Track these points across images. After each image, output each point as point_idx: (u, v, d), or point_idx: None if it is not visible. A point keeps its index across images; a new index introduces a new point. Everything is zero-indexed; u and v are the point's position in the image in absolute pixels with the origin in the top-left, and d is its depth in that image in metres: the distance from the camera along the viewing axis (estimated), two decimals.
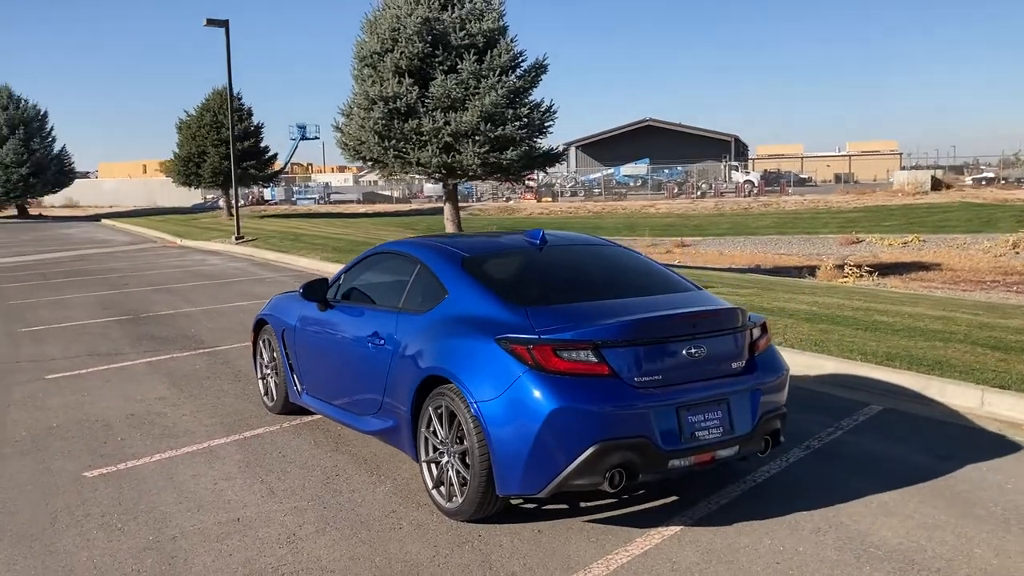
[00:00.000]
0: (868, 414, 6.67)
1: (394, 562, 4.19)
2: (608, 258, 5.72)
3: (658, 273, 5.55)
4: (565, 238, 5.97)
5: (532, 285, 5.15)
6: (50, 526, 4.69)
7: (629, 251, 5.92)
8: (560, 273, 5.36)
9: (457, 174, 20.83)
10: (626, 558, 4.22)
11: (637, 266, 5.65)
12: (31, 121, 48.81)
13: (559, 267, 5.43)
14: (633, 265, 5.66)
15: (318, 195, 68.97)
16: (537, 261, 5.44)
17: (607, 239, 6.28)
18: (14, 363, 9.12)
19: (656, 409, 4.32)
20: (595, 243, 6.03)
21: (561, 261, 5.50)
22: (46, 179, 49.15)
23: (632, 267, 5.62)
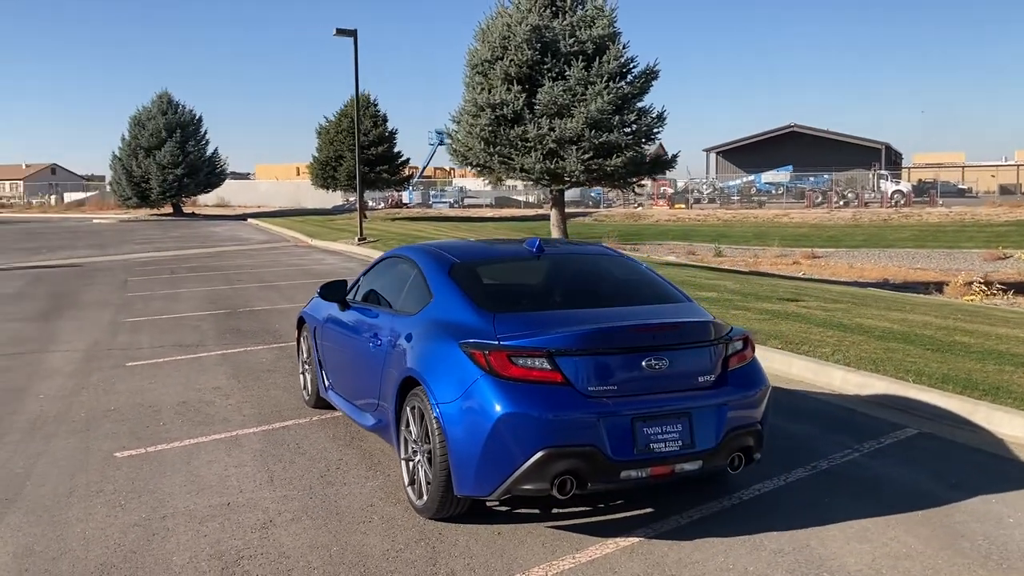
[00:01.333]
0: (898, 437, 6.39)
1: (348, 552, 4.39)
2: (600, 268, 5.76)
3: (648, 284, 5.54)
4: (564, 247, 6.04)
5: (509, 292, 5.27)
6: (65, 499, 5.14)
7: (628, 262, 5.92)
8: (543, 281, 5.45)
9: (563, 180, 20.95)
10: (570, 564, 4.26)
11: (628, 277, 5.66)
12: (187, 125, 52.16)
13: (546, 276, 5.52)
14: (624, 276, 5.67)
15: (452, 199, 70.46)
16: (527, 269, 5.56)
17: (613, 250, 6.28)
18: (106, 350, 9.89)
19: (607, 419, 4.35)
20: (593, 253, 6.07)
21: (551, 270, 5.58)
22: (199, 180, 52.39)
23: (622, 278, 5.64)
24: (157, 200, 51.59)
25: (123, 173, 51.35)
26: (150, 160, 50.38)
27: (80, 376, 8.48)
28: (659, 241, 39.79)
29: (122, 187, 51.86)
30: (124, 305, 13.95)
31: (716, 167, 79.95)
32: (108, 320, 12.25)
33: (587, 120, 19.73)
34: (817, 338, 9.41)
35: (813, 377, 8.32)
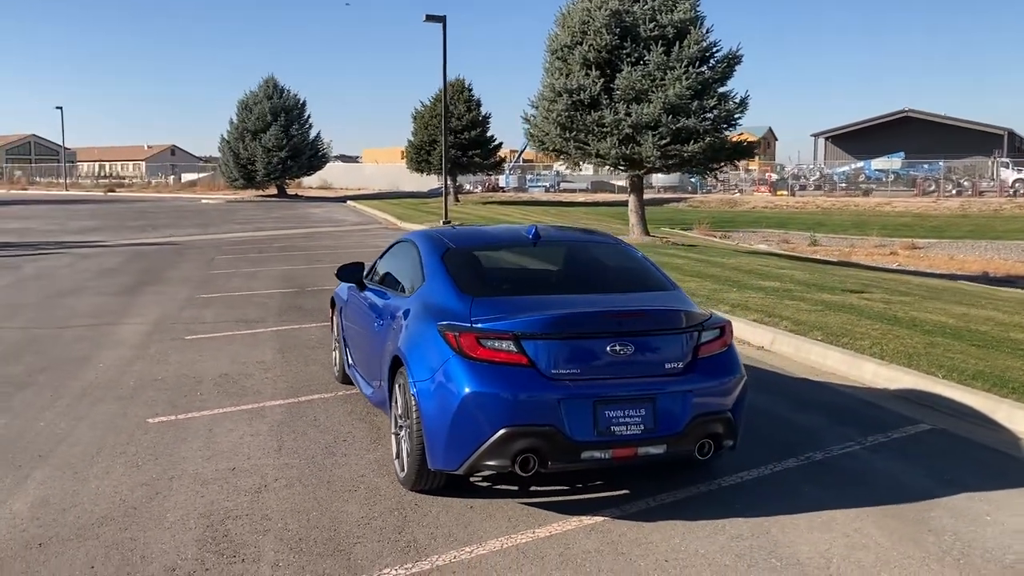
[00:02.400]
0: (907, 432, 6.33)
1: (325, 517, 4.70)
2: (593, 256, 5.92)
3: (638, 272, 5.66)
4: (560, 235, 6.22)
5: (494, 278, 5.48)
6: (91, 458, 5.62)
7: (624, 250, 6.02)
8: (532, 268, 5.63)
9: (640, 165, 20.90)
10: (527, 539, 4.46)
11: (620, 264, 5.79)
12: (291, 109, 53.86)
13: (537, 262, 5.70)
14: (615, 264, 5.80)
15: (548, 183, 70.58)
16: (521, 256, 5.76)
17: (612, 238, 6.37)
18: (171, 324, 10.54)
19: (569, 401, 4.52)
20: (590, 241, 6.21)
21: (544, 257, 5.76)
22: (301, 162, 54.07)
23: (613, 266, 5.78)
24: (262, 182, 53.51)
25: (231, 155, 53.48)
26: (256, 143, 52.28)
27: (141, 348, 9.09)
28: (753, 228, 39.03)
29: (230, 169, 54.02)
30: (204, 282, 14.72)
31: (825, 153, 77.59)
32: (184, 296, 12.98)
33: (665, 105, 19.64)
34: (861, 331, 9.26)
35: (846, 370, 8.23)
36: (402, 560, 4.20)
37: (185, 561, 4.16)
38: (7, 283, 14.46)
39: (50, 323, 10.57)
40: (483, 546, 4.38)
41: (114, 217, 35.49)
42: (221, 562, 4.16)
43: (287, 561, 4.17)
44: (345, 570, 4.09)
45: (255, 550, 4.29)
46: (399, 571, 4.09)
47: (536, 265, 5.80)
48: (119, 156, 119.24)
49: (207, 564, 4.13)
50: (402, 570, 4.10)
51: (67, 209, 41.88)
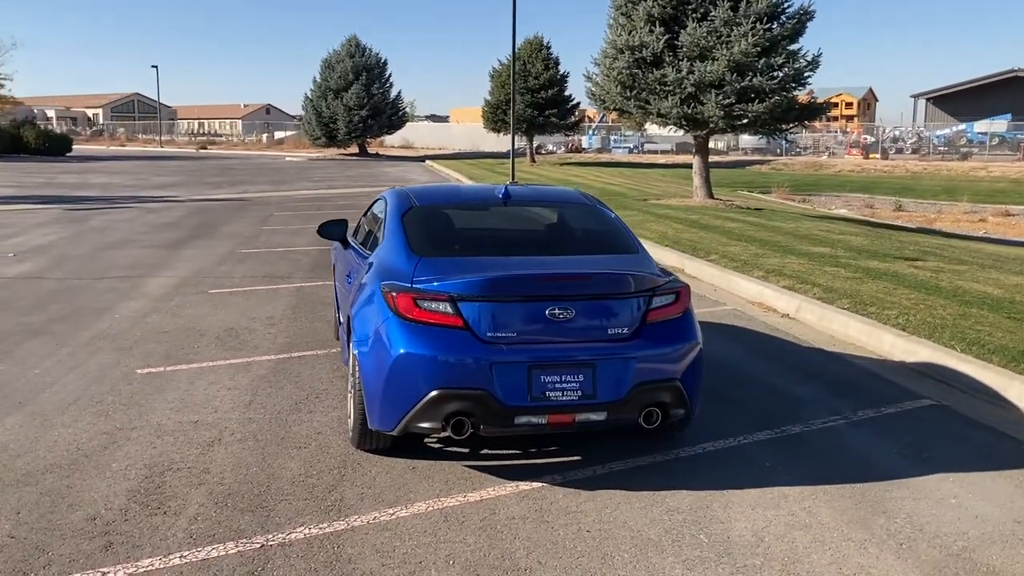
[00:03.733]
0: (903, 407, 5.99)
1: (263, 473, 4.70)
2: (562, 217, 5.75)
3: (603, 235, 5.47)
4: (534, 195, 6.04)
5: (449, 237, 5.35)
6: (66, 407, 5.75)
7: (598, 211, 5.79)
8: (494, 228, 5.49)
9: (703, 125, 20.30)
10: (455, 503, 4.38)
11: (586, 227, 5.61)
12: (372, 68, 54.18)
13: (500, 222, 5.56)
14: (582, 226, 5.63)
15: (632, 145, 69.40)
16: (486, 216, 5.62)
17: (588, 199, 6.11)
18: (201, 278, 10.74)
19: (502, 365, 4.38)
20: (562, 202, 6.01)
21: (509, 217, 5.60)
22: (381, 121, 54.46)
23: (580, 227, 5.61)
24: (343, 140, 54.15)
25: (313, 114, 54.21)
26: (337, 102, 52.85)
27: (161, 301, 9.29)
28: (837, 193, 37.59)
29: (312, 127, 54.80)
30: (251, 237, 14.97)
31: (925, 115, 74.17)
32: (226, 251, 13.22)
33: (729, 63, 18.98)
34: (893, 300, 8.81)
35: (866, 340, 7.85)
36: (320, 519, 4.16)
37: (108, 511, 4.21)
38: (69, 235, 14.98)
39: (89, 274, 10.90)
40: (408, 508, 4.31)
41: (196, 173, 36.45)
42: (143, 513, 4.19)
43: (206, 515, 4.18)
44: (259, 527, 4.07)
45: (181, 503, 4.31)
46: (312, 530, 4.05)
47: (500, 225, 5.65)
48: (217, 114, 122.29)
49: (128, 515, 4.17)
50: (316, 529, 4.06)
51: (156, 165, 43.22)
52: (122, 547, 3.85)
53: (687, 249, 12.77)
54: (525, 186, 6.47)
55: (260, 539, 3.96)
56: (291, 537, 3.98)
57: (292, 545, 3.91)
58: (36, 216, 18.22)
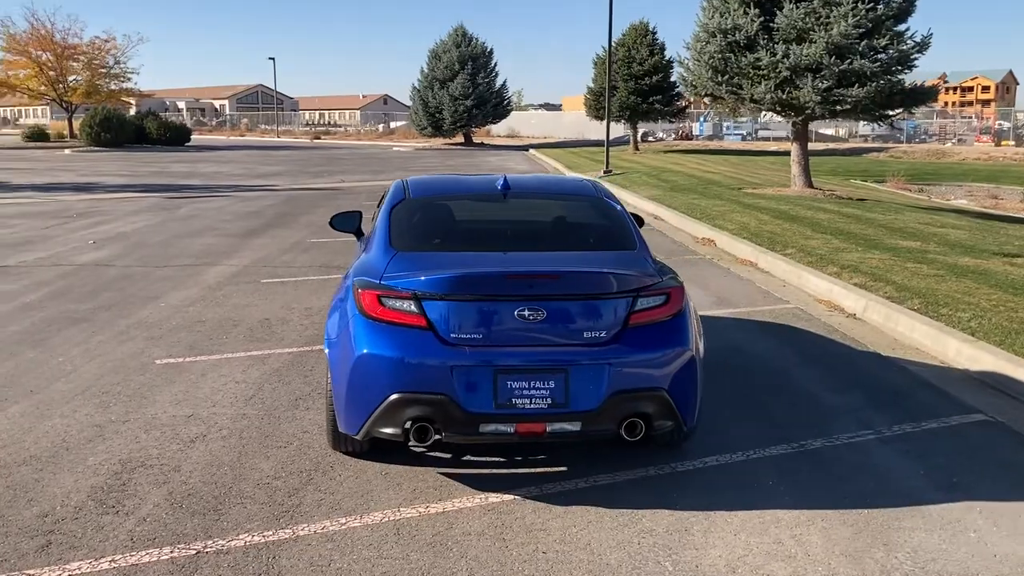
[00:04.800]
0: (948, 423, 5.40)
1: (233, 472, 4.57)
2: (560, 210, 5.42)
3: (601, 229, 5.13)
4: (536, 186, 5.72)
5: (432, 231, 5.08)
6: (71, 397, 5.77)
7: (601, 205, 5.38)
8: (484, 222, 5.21)
9: (800, 111, 19.33)
10: (414, 514, 4.13)
11: (584, 221, 5.30)
12: (478, 57, 54.32)
13: (493, 215, 5.28)
14: (580, 220, 5.33)
15: (745, 131, 67.39)
16: (481, 208, 5.35)
17: (595, 191, 5.66)
18: (260, 267, 10.82)
19: (465, 368, 4.10)
20: (564, 194, 5.69)
21: (508, 209, 5.33)
22: (486, 111, 54.59)
23: (575, 222, 5.33)
24: (449, 130, 54.51)
25: (420, 104, 54.79)
26: (443, 91, 53.24)
27: (211, 290, 9.37)
28: (959, 182, 35.45)
29: (419, 117, 55.41)
30: (326, 227, 14.99)
31: None
32: (295, 240, 13.33)
33: (828, 46, 17.99)
34: (971, 301, 8.07)
35: (930, 344, 7.19)
36: (268, 526, 3.99)
37: (63, 508, 4.15)
38: (155, 223, 15.43)
39: (155, 262, 11.14)
40: (363, 518, 4.09)
41: (301, 163, 37.31)
42: (95, 512, 4.10)
43: (156, 517, 4.06)
44: (203, 532, 3.92)
45: (137, 502, 4.21)
46: (255, 538, 3.88)
47: (492, 218, 5.35)
48: (336, 105, 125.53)
49: (80, 513, 4.10)
50: (259, 537, 3.89)
51: (266, 154, 44.49)
52: (58, 548, 3.77)
53: (764, 242, 12.13)
54: (530, 176, 6.16)
55: (199, 545, 3.81)
56: (231, 544, 3.82)
57: (228, 553, 3.74)
58: (134, 204, 18.89)
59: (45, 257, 11.44)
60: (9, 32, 51.40)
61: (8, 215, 16.60)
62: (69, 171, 30.01)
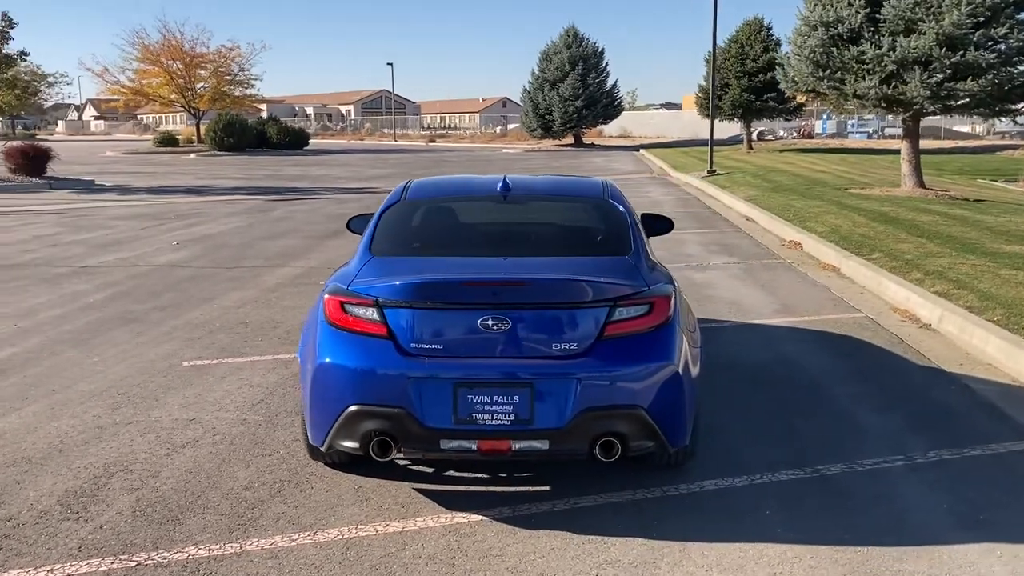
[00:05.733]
0: (995, 450, 4.85)
1: (209, 479, 4.48)
2: (557, 213, 5.15)
3: (596, 234, 4.87)
4: (539, 187, 5.45)
5: (414, 235, 4.88)
6: (90, 397, 5.85)
7: (603, 208, 5.01)
8: (476, 225, 5.01)
9: (907, 107, 18.22)
10: (369, 533, 3.94)
11: (581, 225, 5.04)
12: (589, 58, 53.90)
13: (486, 219, 5.08)
14: (576, 223, 5.06)
15: (871, 129, 64.45)
16: (476, 210, 5.13)
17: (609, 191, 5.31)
18: (324, 269, 10.86)
19: (424, 381, 3.88)
20: (565, 196, 5.37)
21: (505, 211, 5.11)
22: (596, 111, 54.10)
23: (570, 226, 5.07)
24: (558, 131, 54.29)
25: (530, 106, 54.79)
26: (553, 93, 53.07)
27: (267, 291, 9.45)
28: None
29: (529, 119, 55.41)
30: None
31: None
32: None
33: (939, 37, 16.86)
34: None
35: (1003, 360, 6.54)
36: (219, 539, 3.87)
37: (30, 512, 4.14)
38: (244, 224, 15.83)
39: (228, 263, 11.36)
40: (317, 535, 3.92)
41: (408, 166, 37.84)
42: (58, 517, 4.08)
43: (113, 524, 4.01)
44: (151, 543, 3.84)
45: (102, 508, 4.18)
46: (199, 551, 3.76)
47: (487, 220, 5.09)
48: (457, 108, 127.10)
49: (44, 518, 4.08)
50: (204, 551, 3.77)
51: (378, 158, 45.36)
52: (3, 554, 3.74)
53: (852, 246, 11.41)
54: (535, 177, 5.88)
55: (141, 556, 3.72)
56: (174, 557, 3.71)
57: (167, 567, 3.64)
58: (234, 207, 19.47)
59: (126, 258, 11.84)
60: (144, 43, 54.26)
61: (114, 216, 17.37)
62: (188, 175, 31.34)
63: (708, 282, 9.92)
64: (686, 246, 12.92)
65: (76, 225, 15.89)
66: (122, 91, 56.60)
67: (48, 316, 8.24)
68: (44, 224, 16.11)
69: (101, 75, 55.70)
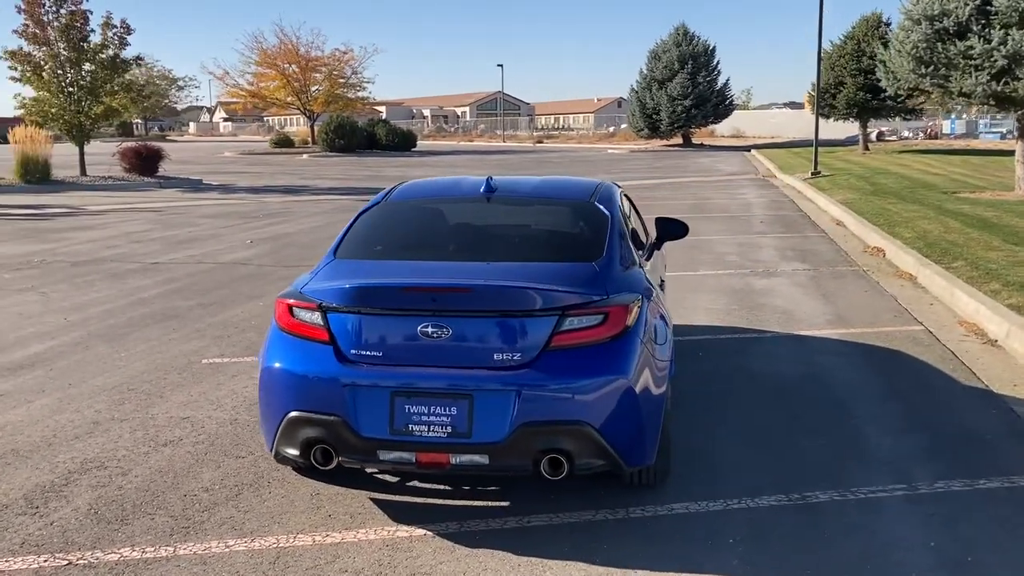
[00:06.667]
0: (1018, 485, 4.35)
1: (175, 479, 4.48)
2: (536, 216, 4.95)
3: (571, 239, 4.69)
4: (524, 189, 5.23)
5: (380, 237, 4.75)
6: (100, 393, 5.96)
7: (586, 212, 4.75)
8: (449, 228, 4.87)
9: (1021, 105, 17.03)
10: (305, 543, 3.83)
11: (558, 228, 4.86)
12: (699, 56, 52.80)
13: (463, 221, 4.94)
14: (553, 227, 4.92)
15: (1005, 129, 60.76)
16: (457, 212, 4.99)
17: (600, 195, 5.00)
18: None
19: (360, 389, 3.75)
20: (548, 199, 5.13)
21: (486, 213, 4.95)
22: (706, 111, 52.93)
23: (548, 228, 4.90)
24: (666, 131, 53.41)
25: (637, 105, 54.10)
26: (661, 92, 52.24)
27: None
28: None
29: (636, 119, 54.73)
30: None
31: None
32: None
33: None
34: None
35: None
36: (156, 542, 3.84)
37: None
38: (319, 224, 16.10)
39: (289, 262, 11.55)
40: (252, 542, 3.84)
41: (507, 167, 37.89)
42: (14, 512, 4.14)
43: (63, 521, 4.03)
44: (91, 542, 3.83)
45: (61, 504, 4.22)
46: (133, 553, 3.74)
47: (462, 223, 4.92)
48: (571, 109, 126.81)
49: (4, 512, 4.14)
50: (137, 552, 3.75)
51: (479, 159, 45.60)
52: None
53: (935, 253, 10.68)
54: (524, 178, 5.66)
55: (74, 556, 3.72)
56: (106, 558, 3.70)
57: (94, 567, 3.62)
58: (322, 206, 19.88)
59: (195, 255, 12.19)
60: (262, 47, 56.28)
61: (204, 215, 17.98)
62: (292, 175, 32.26)
63: (767, 289, 9.45)
64: (760, 251, 12.40)
65: (166, 223, 16.52)
66: (241, 94, 58.82)
67: (97, 311, 8.51)
68: (138, 221, 16.81)
69: (222, 78, 58.09)
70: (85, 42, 26.44)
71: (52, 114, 26.35)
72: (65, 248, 13.05)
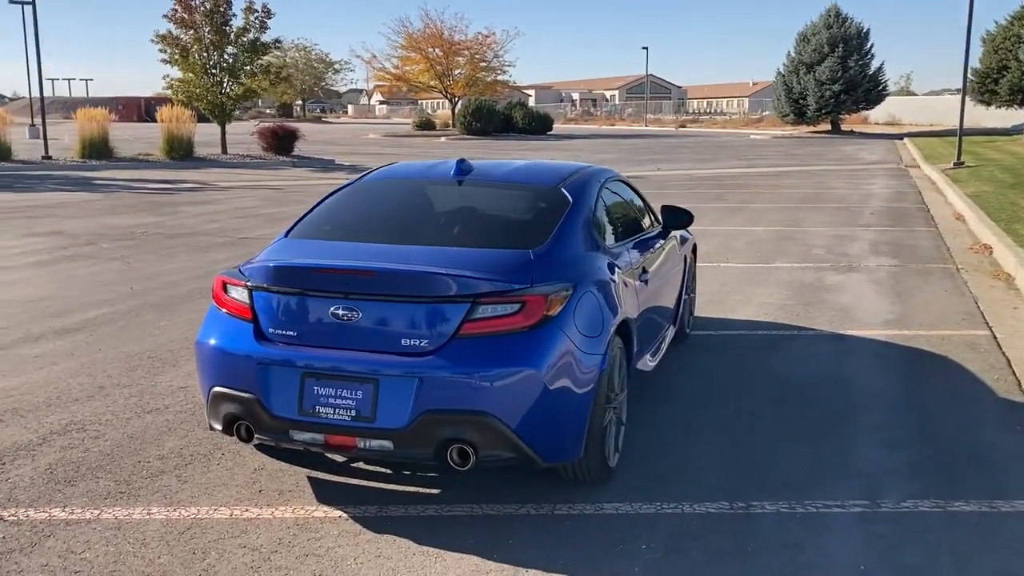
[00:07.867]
0: (997, 510, 3.92)
1: (139, 447, 4.65)
2: (498, 200, 4.82)
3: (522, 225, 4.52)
4: (497, 173, 5.08)
5: (333, 218, 4.72)
6: (123, 358, 6.27)
7: (551, 196, 4.57)
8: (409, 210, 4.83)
9: None
10: (219, 517, 3.89)
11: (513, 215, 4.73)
12: (851, 39, 50.14)
13: (426, 203, 4.89)
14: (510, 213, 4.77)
15: None
16: (423, 194, 4.93)
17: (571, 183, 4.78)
18: None
19: (274, 368, 3.77)
20: (516, 184, 4.92)
21: (455, 196, 4.85)
22: (856, 96, 50.20)
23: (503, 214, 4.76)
24: (812, 117, 51.13)
25: (783, 90, 51.98)
26: (809, 76, 50.00)
27: None
28: None
29: (781, 104, 52.62)
30: None
31: None
32: None
33: None
34: None
35: None
36: (89, 505, 3.98)
37: None
38: None
39: None
40: (168, 512, 3.93)
41: (639, 151, 37.30)
42: None
43: (17, 480, 4.25)
44: (31, 500, 4.03)
45: (23, 463, 4.44)
46: (62, 513, 3.90)
47: (423, 206, 4.82)
48: (725, 93, 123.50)
49: None
50: (64, 513, 3.91)
51: (614, 143, 45.10)
52: None
53: None
54: (499, 162, 5.49)
55: (7, 512, 3.92)
56: (35, 516, 3.87)
57: (20, 524, 3.80)
58: None
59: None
60: (408, 32, 57.61)
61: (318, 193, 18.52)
62: (420, 157, 32.87)
63: (837, 285, 8.90)
64: (853, 245, 11.70)
65: (278, 200, 17.19)
66: (387, 77, 60.45)
67: (163, 282, 8.96)
68: (253, 198, 17.57)
69: (369, 62, 59.88)
70: (227, 26, 27.81)
71: (196, 94, 27.91)
72: (171, 221, 13.80)
